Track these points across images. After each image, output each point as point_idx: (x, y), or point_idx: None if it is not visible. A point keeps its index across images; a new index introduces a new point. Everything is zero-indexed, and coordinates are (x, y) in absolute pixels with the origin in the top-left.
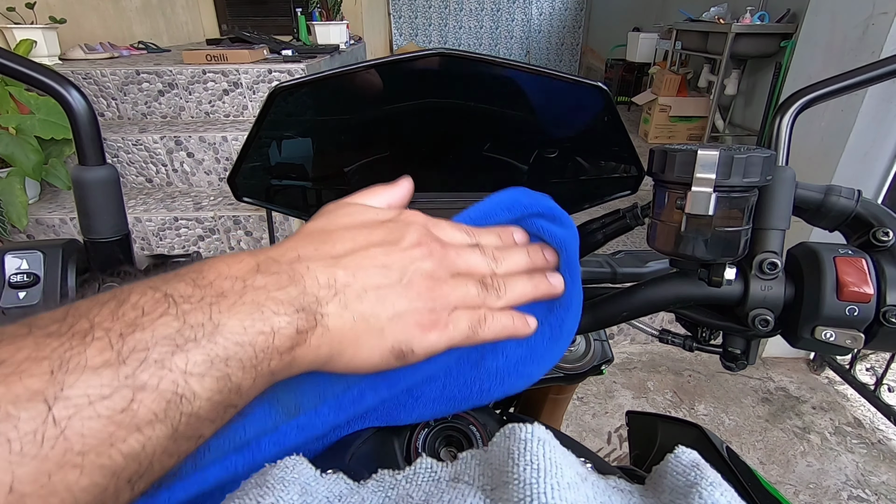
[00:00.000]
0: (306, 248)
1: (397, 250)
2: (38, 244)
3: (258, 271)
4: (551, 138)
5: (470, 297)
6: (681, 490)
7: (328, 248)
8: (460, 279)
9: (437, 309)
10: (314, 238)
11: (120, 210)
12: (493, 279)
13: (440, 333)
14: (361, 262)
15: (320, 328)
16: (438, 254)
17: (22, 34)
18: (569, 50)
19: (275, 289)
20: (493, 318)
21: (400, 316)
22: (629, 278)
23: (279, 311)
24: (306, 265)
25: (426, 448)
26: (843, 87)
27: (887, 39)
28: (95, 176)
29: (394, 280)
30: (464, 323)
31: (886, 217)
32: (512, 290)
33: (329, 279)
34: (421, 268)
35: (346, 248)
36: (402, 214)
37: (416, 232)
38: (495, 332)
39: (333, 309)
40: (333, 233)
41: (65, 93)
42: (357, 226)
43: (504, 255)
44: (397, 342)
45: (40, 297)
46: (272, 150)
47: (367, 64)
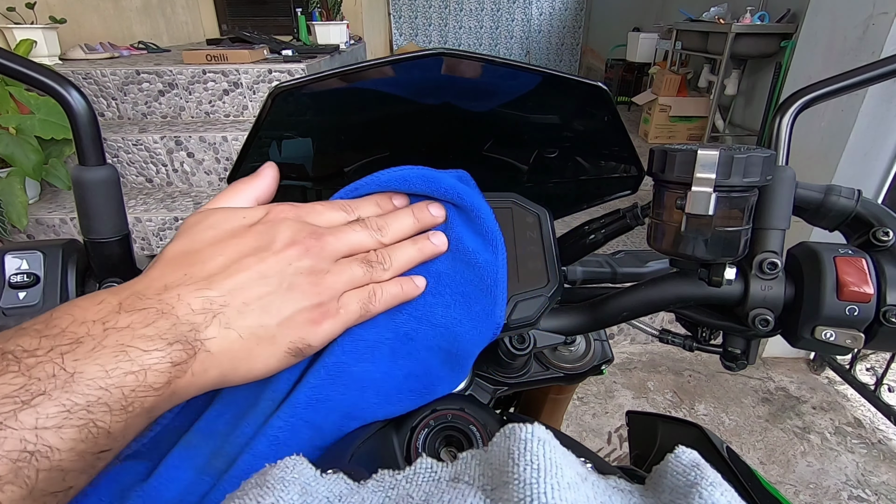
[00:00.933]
0: (174, 275)
1: (271, 255)
2: (38, 244)
3: (121, 311)
4: (551, 138)
5: (356, 277)
6: (681, 490)
7: (197, 270)
8: (343, 263)
9: (325, 301)
10: (180, 262)
11: (120, 210)
12: (378, 254)
13: (333, 321)
14: (236, 277)
15: (202, 354)
16: (315, 247)
17: (22, 34)
18: (569, 50)
19: (142, 326)
20: (381, 291)
21: (289, 319)
22: (629, 278)
23: (149, 348)
24: (176, 294)
25: (426, 448)
26: (843, 87)
27: (887, 39)
28: (95, 176)
29: (274, 286)
30: (354, 304)
31: (886, 217)
32: (398, 259)
33: (204, 303)
34: (300, 267)
35: (218, 265)
36: (271, 212)
37: (287, 230)
38: (386, 303)
39: (214, 331)
40: (201, 252)
41: (65, 93)
42: (224, 237)
43: (387, 223)
44: (291, 343)
45: (40, 298)
46: (272, 150)
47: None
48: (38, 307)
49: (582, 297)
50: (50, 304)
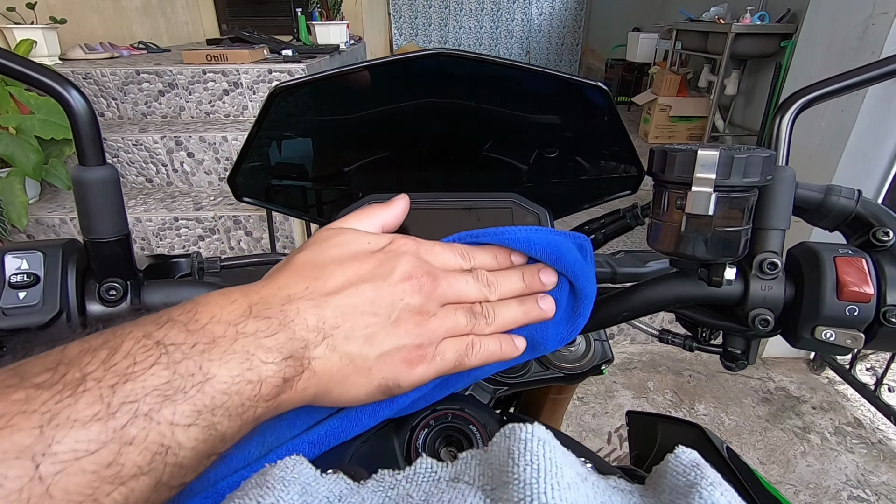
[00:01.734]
0: (297, 286)
1: (386, 285)
2: (38, 244)
3: (250, 315)
4: (551, 138)
5: (459, 326)
6: (681, 490)
7: (319, 285)
8: (450, 309)
9: (425, 344)
10: (305, 274)
11: (120, 210)
12: (483, 307)
13: (427, 366)
14: (350, 301)
15: (307, 373)
16: (428, 287)
17: (22, 34)
18: (569, 50)
19: (265, 335)
20: (479, 345)
21: (387, 354)
22: (629, 278)
23: (268, 360)
24: (296, 307)
25: (426, 448)
26: (843, 87)
27: (887, 39)
28: (95, 176)
29: (382, 318)
30: (451, 353)
31: (886, 217)
32: (501, 316)
33: (318, 321)
34: (410, 304)
35: (337, 283)
36: (394, 242)
37: (406, 263)
38: (482, 359)
39: (321, 352)
40: (325, 267)
41: (65, 93)
42: (348, 258)
43: (498, 280)
44: (384, 380)
45: (40, 298)
46: (272, 150)
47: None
48: (37, 307)
49: None
50: (50, 304)
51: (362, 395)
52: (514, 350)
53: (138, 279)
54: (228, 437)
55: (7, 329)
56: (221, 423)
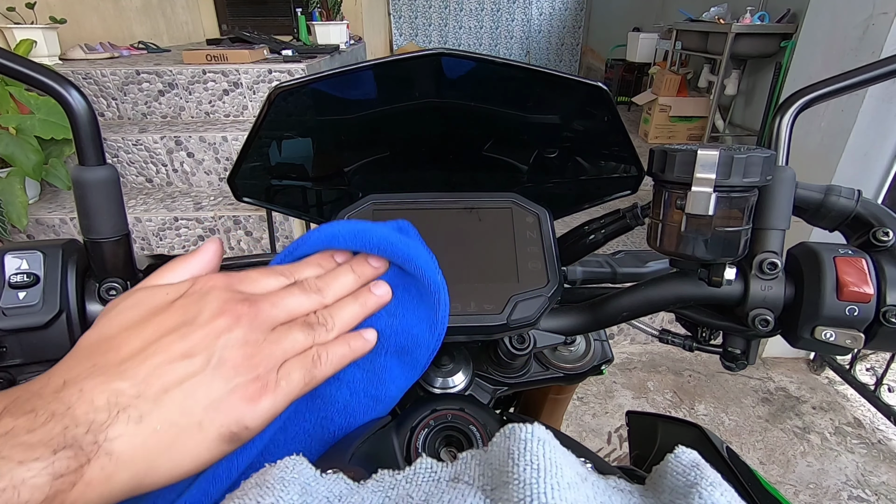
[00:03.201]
0: (79, 368)
1: (196, 328)
2: (38, 244)
3: (4, 416)
4: (551, 138)
5: (297, 344)
6: (681, 490)
7: (108, 359)
8: (281, 331)
9: (262, 374)
10: (91, 351)
11: (120, 210)
12: (319, 315)
13: (272, 396)
14: (152, 361)
15: (101, 459)
16: (247, 314)
17: (22, 34)
18: (569, 50)
19: (24, 432)
20: (326, 354)
21: (219, 400)
22: (629, 278)
23: (26, 458)
24: (78, 389)
25: (426, 448)
26: (843, 87)
27: (887, 39)
28: (95, 176)
29: (200, 365)
30: (296, 373)
31: (886, 217)
32: (341, 318)
33: (109, 398)
34: (231, 339)
35: (132, 349)
36: (197, 283)
37: (215, 300)
38: (334, 366)
39: (120, 430)
40: (115, 338)
41: (65, 93)
42: (143, 318)
43: (328, 283)
44: (223, 427)
45: (40, 298)
46: (272, 150)
47: (367, 64)
48: (37, 307)
49: (582, 297)
50: (50, 305)
51: (203, 454)
52: (364, 344)
53: (138, 279)
54: None
55: (7, 329)
56: None
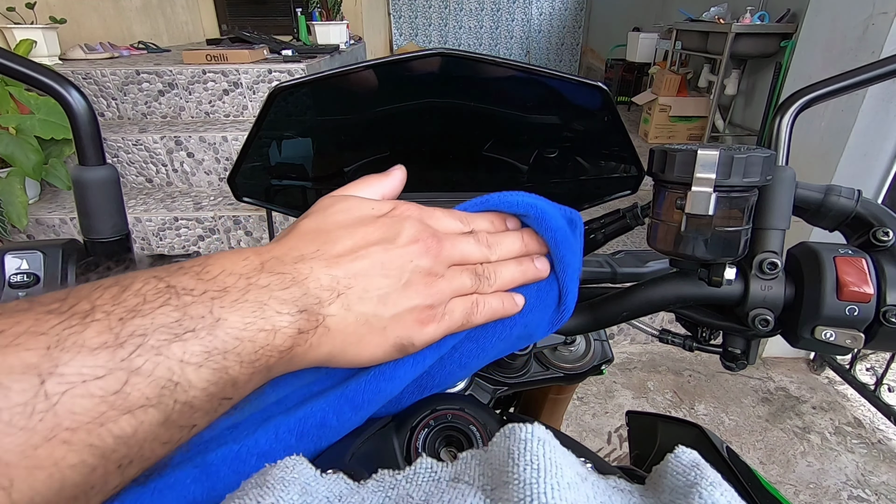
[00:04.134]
0: (308, 248)
1: (395, 248)
2: (38, 244)
3: (262, 270)
4: (551, 138)
5: (464, 286)
6: (681, 490)
7: (329, 248)
8: (455, 270)
9: (435, 304)
10: (314, 237)
11: (120, 210)
12: (485, 268)
13: (437, 325)
14: (362, 263)
15: (322, 329)
16: (434, 248)
17: (22, 34)
18: (569, 50)
19: (278, 288)
20: (484, 303)
21: (400, 315)
22: (629, 278)
23: (282, 311)
24: (309, 266)
25: (426, 448)
26: (843, 87)
27: (887, 39)
28: (95, 176)
29: (393, 279)
30: (458, 312)
31: (886, 217)
32: (502, 276)
33: (331, 281)
34: (419, 265)
35: (346, 246)
36: (397, 208)
37: (412, 227)
38: (486, 316)
39: (335, 310)
40: (332, 231)
41: (65, 93)
42: (354, 223)
43: (497, 241)
44: (398, 338)
45: None
46: (272, 150)
47: (367, 64)
48: None
49: (582, 297)
50: None
51: (379, 353)
52: (514, 306)
53: None
54: (240, 383)
55: None
56: (233, 368)
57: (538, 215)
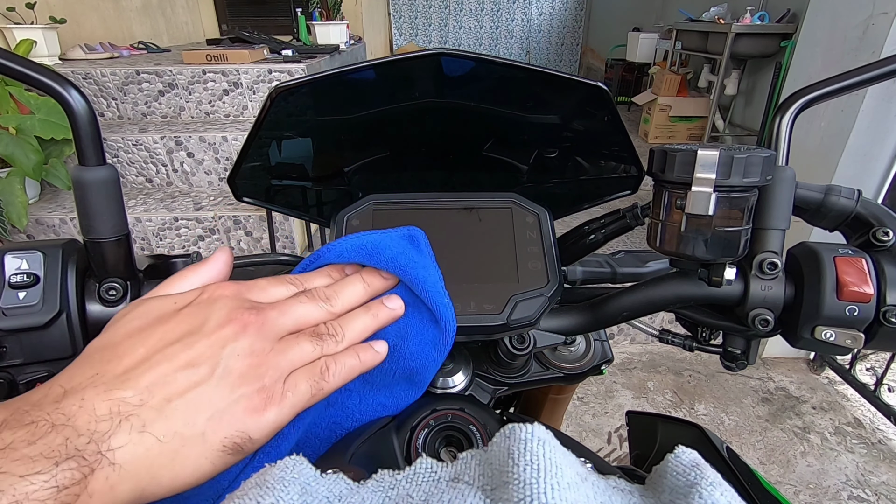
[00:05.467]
0: (80, 377)
1: (201, 337)
2: (38, 244)
3: (3, 429)
4: (551, 138)
5: (305, 354)
6: (681, 490)
7: (112, 368)
8: (289, 340)
9: (268, 384)
10: (95, 359)
11: (120, 210)
12: (328, 325)
13: (279, 408)
14: (157, 371)
15: (105, 469)
16: (255, 323)
17: (22, 34)
18: (569, 50)
19: (25, 444)
20: (335, 365)
21: (223, 412)
22: (629, 278)
23: (28, 472)
24: (79, 399)
25: (426, 448)
26: (843, 87)
27: (887, 39)
28: (95, 176)
29: (204, 375)
30: (303, 385)
31: (886, 217)
32: (352, 329)
33: (111, 407)
34: (237, 348)
35: (136, 359)
36: (205, 292)
37: (222, 308)
38: (343, 378)
39: (123, 439)
40: (119, 345)
41: (65, 93)
42: (149, 325)
43: (335, 292)
44: (227, 439)
45: (40, 298)
46: (272, 150)
47: (367, 64)
48: (37, 307)
49: (582, 297)
50: (50, 305)
51: (206, 466)
52: (375, 356)
53: (138, 279)
54: None
55: (7, 329)
56: None
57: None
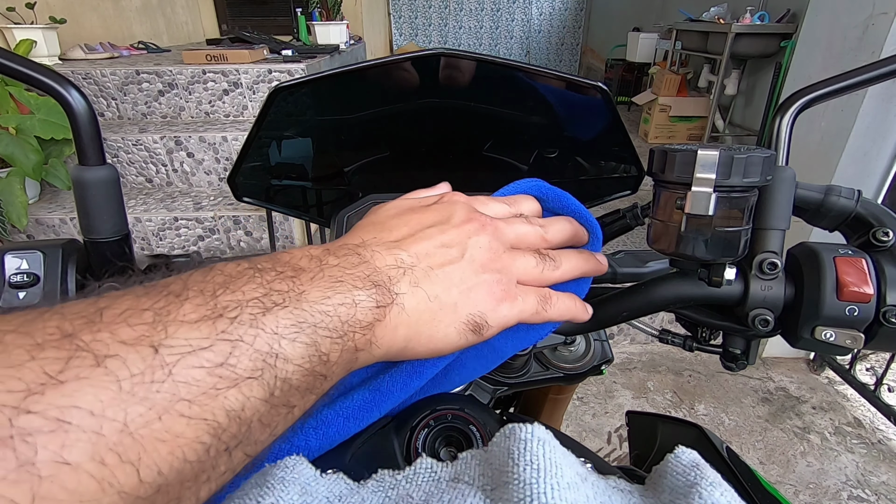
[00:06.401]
0: (367, 236)
1: (451, 227)
2: (38, 244)
3: (329, 253)
4: (551, 138)
5: (529, 266)
6: (681, 490)
7: (386, 235)
8: (517, 251)
9: (504, 280)
10: (370, 228)
11: (120, 210)
12: (546, 251)
13: (511, 305)
14: (421, 244)
15: (396, 307)
16: (490, 227)
17: (22, 34)
18: (569, 50)
19: (349, 266)
20: (558, 300)
21: (470, 289)
22: (629, 278)
23: (357, 285)
24: (371, 249)
25: (426, 448)
26: (843, 87)
27: (887, 39)
28: (95, 176)
29: (456, 256)
30: (532, 299)
31: (886, 217)
32: (566, 261)
33: (396, 259)
34: (479, 241)
35: (403, 232)
36: (444, 196)
37: (462, 209)
38: (560, 313)
39: (405, 287)
40: (385, 223)
41: (65, 93)
42: (406, 213)
43: (550, 223)
44: (471, 315)
45: (40, 297)
46: (272, 150)
47: (367, 64)
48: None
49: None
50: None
51: (452, 334)
52: (584, 313)
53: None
54: (332, 360)
55: None
56: (324, 343)
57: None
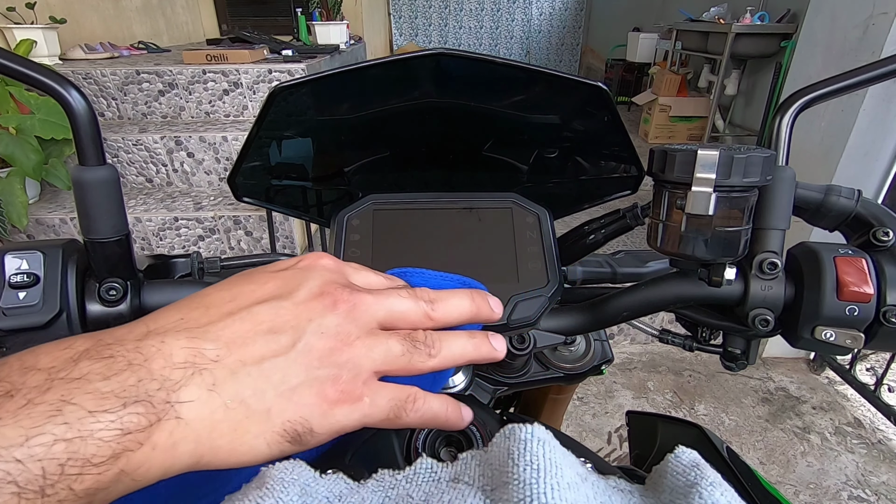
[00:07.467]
0: (165, 321)
1: (290, 305)
2: (38, 244)
3: (82, 358)
4: (551, 138)
5: (391, 355)
6: (681, 490)
7: (197, 316)
8: (378, 335)
9: (346, 378)
10: (184, 306)
11: (120, 210)
12: (426, 334)
13: (351, 409)
14: (238, 328)
15: (171, 422)
16: (346, 303)
17: (22, 34)
18: (569, 50)
19: (99, 378)
20: (424, 401)
21: (293, 390)
22: (629, 278)
23: (96, 408)
24: (159, 341)
25: (426, 448)
26: (843, 87)
27: (887, 39)
28: (95, 176)
29: (284, 345)
30: (384, 400)
31: (886, 217)
32: (448, 347)
33: (188, 356)
34: (322, 325)
35: (223, 311)
36: (306, 259)
37: (318, 278)
38: (422, 419)
39: (194, 392)
40: (210, 296)
41: (65, 93)
42: (243, 283)
43: (442, 298)
44: (290, 423)
45: (40, 298)
46: (272, 150)
47: (367, 64)
48: (37, 307)
49: (582, 297)
50: (50, 305)
51: (261, 447)
52: (459, 419)
53: (138, 279)
54: None
55: (7, 329)
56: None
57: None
